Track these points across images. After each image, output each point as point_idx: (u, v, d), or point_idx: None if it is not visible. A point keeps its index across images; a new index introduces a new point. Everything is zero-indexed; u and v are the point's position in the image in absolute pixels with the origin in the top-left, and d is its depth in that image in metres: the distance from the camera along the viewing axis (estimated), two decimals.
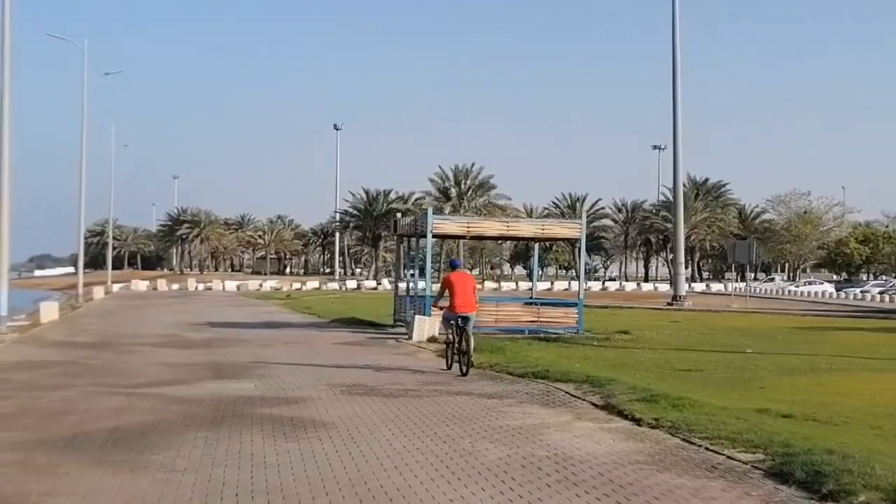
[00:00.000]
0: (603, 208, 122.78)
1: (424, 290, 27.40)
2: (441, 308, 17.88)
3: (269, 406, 12.71)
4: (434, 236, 27.92)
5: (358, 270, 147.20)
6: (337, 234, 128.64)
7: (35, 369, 17.49)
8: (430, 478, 8.34)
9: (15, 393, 14.01)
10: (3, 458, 9.14)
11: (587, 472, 8.64)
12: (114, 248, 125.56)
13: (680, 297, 53.80)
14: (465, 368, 16.66)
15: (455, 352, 17.23)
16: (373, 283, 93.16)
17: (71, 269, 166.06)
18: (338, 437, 10.36)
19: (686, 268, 61.11)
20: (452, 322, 17.23)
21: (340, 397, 13.61)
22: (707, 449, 9.60)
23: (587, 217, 30.29)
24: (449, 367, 17.36)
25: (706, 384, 15.86)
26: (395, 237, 34.86)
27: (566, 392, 14.02)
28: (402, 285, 32.43)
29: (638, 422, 11.28)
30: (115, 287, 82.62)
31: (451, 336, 17.33)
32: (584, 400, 13.25)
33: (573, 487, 8.02)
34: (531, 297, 31.34)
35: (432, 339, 23.90)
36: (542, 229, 28.91)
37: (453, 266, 18.27)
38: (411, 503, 7.48)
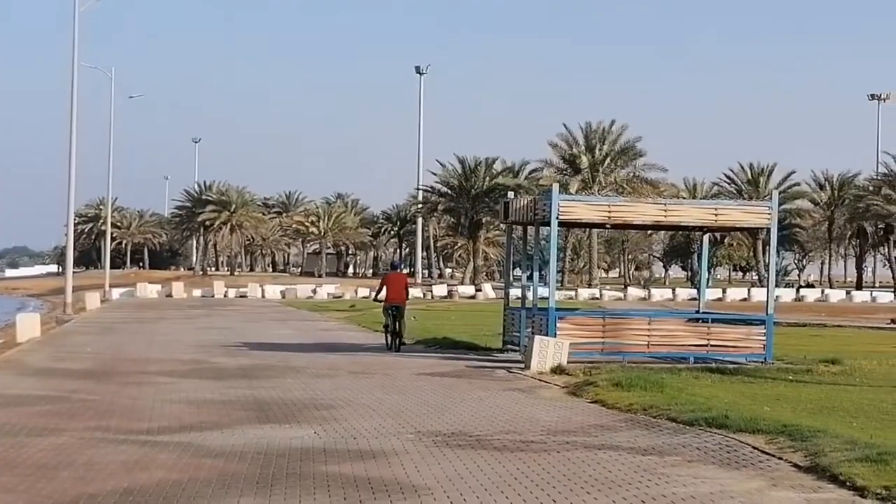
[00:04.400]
0: (798, 184, 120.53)
1: (547, 298, 27.32)
2: (377, 300, 32.45)
3: (336, 462, 12.83)
4: (561, 224, 27.82)
5: (449, 271, 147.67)
6: (419, 221, 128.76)
7: (13, 406, 17.91)
8: None
9: None
10: None
11: None
12: (113, 240, 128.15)
13: None
14: (398, 346, 30.51)
15: (390, 333, 30.97)
16: (470, 290, 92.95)
17: (55, 268, 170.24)
18: None
19: None
20: (389, 311, 31.04)
21: (434, 451, 13.67)
22: None
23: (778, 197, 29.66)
24: (388, 347, 30.68)
25: None
26: (505, 224, 34.82)
27: (754, 447, 13.87)
28: (515, 292, 32.40)
29: (861, 492, 11.12)
30: (116, 293, 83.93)
31: (387, 321, 31.18)
32: (780, 459, 13.09)
33: None
34: (697, 311, 31.02)
35: (560, 370, 23.82)
36: (716, 214, 28.48)
37: (393, 267, 36.46)
38: None
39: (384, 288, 31.72)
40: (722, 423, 15.65)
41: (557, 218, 26.66)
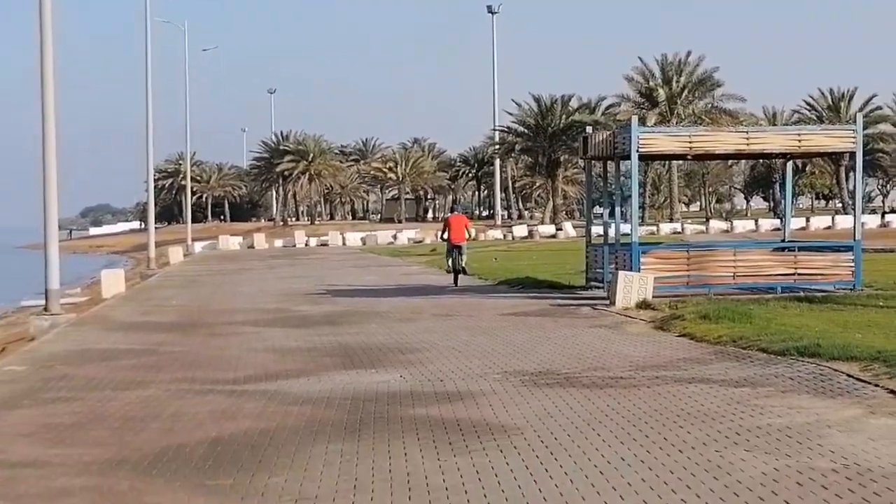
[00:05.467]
0: (880, 107, 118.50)
1: (630, 234, 27.08)
2: (443, 240, 34.81)
3: (424, 405, 12.77)
4: (641, 158, 27.50)
5: (528, 212, 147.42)
6: (497, 162, 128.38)
7: (101, 361, 18.02)
8: None
9: (79, 394, 14.44)
10: (72, 484, 9.37)
11: None
12: (193, 194, 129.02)
13: None
14: (456, 279, 33.19)
15: (453, 270, 33.56)
16: (550, 229, 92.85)
17: (137, 225, 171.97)
18: (527, 447, 10.29)
19: None
20: (451, 250, 33.65)
21: (523, 390, 13.57)
22: None
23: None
24: (455, 283, 33.00)
25: None
26: (584, 161, 34.55)
27: (849, 375, 13.68)
28: (596, 229, 32.17)
29: None
30: (198, 246, 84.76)
31: (448, 260, 34.06)
32: (876, 386, 12.90)
33: None
34: (783, 240, 30.69)
35: (645, 305, 23.64)
36: (799, 140, 28.05)
37: (452, 210, 41.03)
38: None
39: (446, 229, 34.35)
40: (814, 351, 15.43)
41: (638, 151, 26.35)
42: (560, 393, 13.25)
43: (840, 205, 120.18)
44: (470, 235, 35.22)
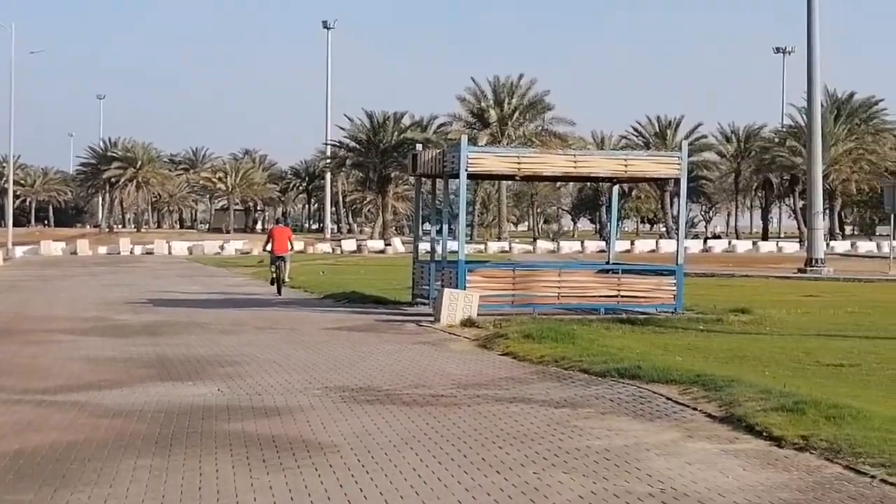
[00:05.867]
0: (705, 136, 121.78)
1: (457, 251, 27.06)
2: (267, 251, 36.96)
3: (240, 420, 12.45)
4: (470, 176, 27.53)
5: (358, 227, 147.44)
6: (328, 176, 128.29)
7: None
8: None
9: None
10: None
11: None
12: (17, 197, 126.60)
13: (816, 260, 53.15)
14: (281, 290, 34.93)
15: (276, 279, 35.47)
16: (379, 244, 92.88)
17: None
18: (343, 466, 10.07)
19: (823, 220, 60.36)
20: (275, 260, 35.55)
21: (342, 406, 13.34)
22: (885, 482, 9.30)
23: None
24: (277, 292, 34.81)
25: (867, 385, 15.47)
26: (414, 178, 34.49)
27: (667, 398, 13.74)
28: (424, 246, 32.11)
29: (778, 441, 10.98)
30: (19, 251, 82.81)
31: (272, 269, 35.81)
32: (694, 409, 12.96)
33: None
34: (608, 262, 30.99)
35: (470, 323, 23.61)
36: (626, 165, 28.39)
37: (277, 222, 40.28)
38: None
39: (270, 241, 36.71)
40: (634, 373, 15.51)
41: (466, 170, 26.40)
42: (380, 410, 13.05)
43: (664, 229, 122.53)
44: (292, 247, 37.46)
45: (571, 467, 9.97)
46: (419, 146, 34.58)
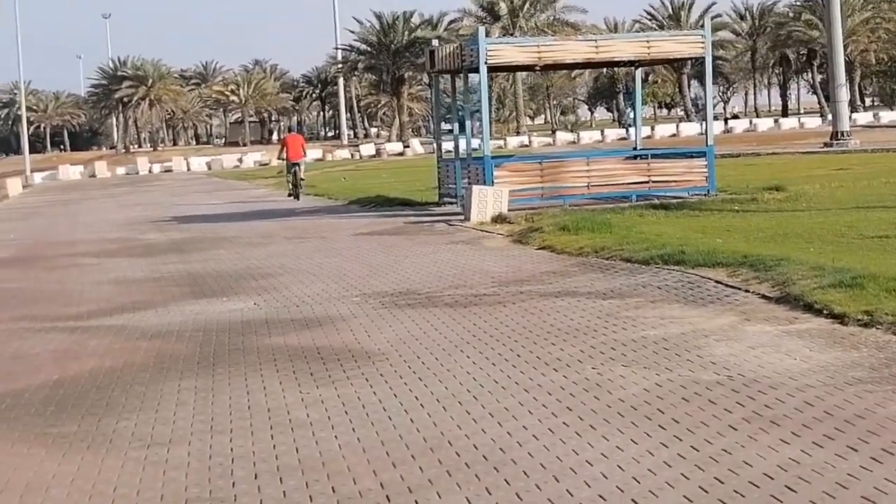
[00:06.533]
0: (719, 15, 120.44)
1: (481, 148, 26.65)
2: (282, 159, 38.50)
3: (281, 333, 12.11)
4: (489, 70, 27.00)
5: (374, 130, 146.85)
6: (341, 81, 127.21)
7: None
8: (548, 428, 7.64)
9: None
10: None
11: (787, 402, 7.93)
12: (31, 124, 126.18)
13: (842, 133, 52.52)
14: (300, 196, 36.15)
15: (293, 185, 36.73)
16: (398, 147, 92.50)
17: None
18: (393, 373, 9.73)
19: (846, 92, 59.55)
20: (291, 167, 36.99)
21: (384, 312, 12.99)
22: None
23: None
24: (293, 196, 36.44)
25: None
26: (431, 76, 33.94)
27: (717, 282, 13.36)
28: (447, 145, 31.67)
29: (840, 318, 10.60)
30: (38, 177, 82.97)
31: (289, 177, 37.36)
32: (747, 291, 12.57)
33: (774, 428, 7.30)
34: (635, 148, 30.56)
35: (501, 219, 23.26)
36: (649, 47, 27.81)
37: (290, 130, 49.58)
38: (533, 472, 6.76)
39: (284, 148, 38.11)
40: (679, 259, 15.11)
41: (486, 63, 25.90)
42: (423, 314, 12.69)
43: (683, 112, 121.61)
44: (306, 154, 39.68)
45: (631, 360, 9.59)
46: (435, 42, 34.10)
